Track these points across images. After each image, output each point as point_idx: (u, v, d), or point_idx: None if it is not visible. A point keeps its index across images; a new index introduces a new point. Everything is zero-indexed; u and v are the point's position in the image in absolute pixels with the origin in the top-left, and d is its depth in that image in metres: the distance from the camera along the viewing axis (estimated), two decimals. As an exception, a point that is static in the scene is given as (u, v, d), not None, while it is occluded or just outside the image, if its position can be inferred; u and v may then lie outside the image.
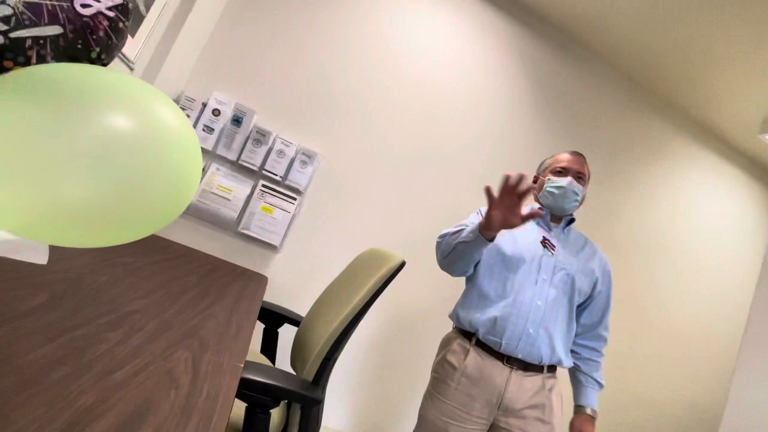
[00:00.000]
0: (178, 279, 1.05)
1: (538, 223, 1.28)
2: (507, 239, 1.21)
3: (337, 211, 1.97)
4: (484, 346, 1.16)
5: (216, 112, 1.80)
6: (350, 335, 1.01)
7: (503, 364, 1.14)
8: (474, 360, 1.15)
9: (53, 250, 0.44)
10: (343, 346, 1.01)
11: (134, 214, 0.44)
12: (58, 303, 0.62)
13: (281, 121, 1.91)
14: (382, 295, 1.03)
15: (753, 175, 2.88)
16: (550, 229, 1.28)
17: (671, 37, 2.08)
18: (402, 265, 1.05)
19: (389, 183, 2.05)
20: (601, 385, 1.23)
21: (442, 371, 1.19)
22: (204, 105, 1.80)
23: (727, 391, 1.54)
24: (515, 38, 2.26)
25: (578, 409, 1.21)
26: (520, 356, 1.14)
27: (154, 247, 1.30)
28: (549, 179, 1.26)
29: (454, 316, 1.25)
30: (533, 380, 1.15)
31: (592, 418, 1.18)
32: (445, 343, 1.26)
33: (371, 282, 1.01)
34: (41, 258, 0.43)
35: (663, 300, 2.56)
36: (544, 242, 1.24)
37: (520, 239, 1.23)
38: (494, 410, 1.14)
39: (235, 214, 1.81)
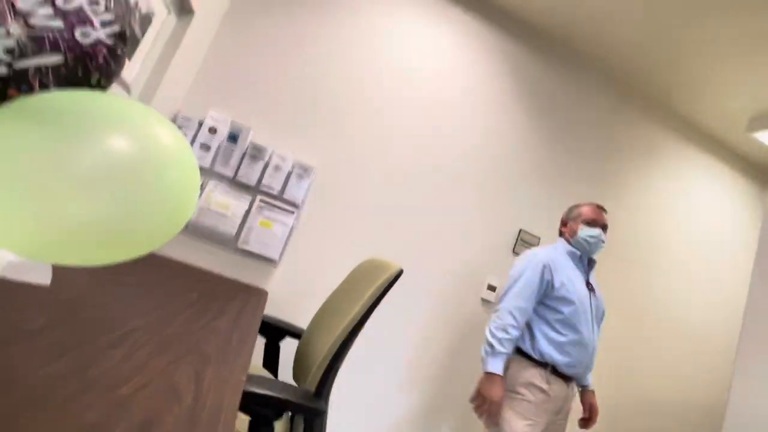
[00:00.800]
0: (178, 296, 1.06)
1: (577, 266, 1.55)
2: (569, 286, 1.47)
3: (334, 223, 1.99)
4: (556, 372, 1.47)
5: (212, 130, 1.82)
6: (351, 345, 1.01)
7: (565, 383, 1.49)
8: (553, 385, 1.46)
9: (55, 270, 0.46)
10: (345, 356, 1.01)
11: (134, 233, 0.45)
12: (62, 323, 0.63)
13: (276, 137, 1.94)
14: (380, 304, 1.04)
15: (744, 173, 2.90)
16: (587, 273, 1.57)
17: (656, 36, 2.12)
18: (400, 273, 1.07)
19: (385, 193, 2.07)
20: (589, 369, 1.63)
21: (528, 393, 1.45)
22: (200, 123, 1.82)
23: (728, 390, 1.54)
24: (502, 46, 2.30)
25: (584, 388, 1.60)
26: (580, 375, 1.52)
27: (153, 265, 1.31)
28: (582, 228, 1.55)
29: (536, 351, 1.47)
30: (573, 387, 1.54)
31: (594, 393, 1.59)
32: (522, 369, 1.48)
33: (370, 291, 1.03)
34: (44, 279, 0.44)
35: (660, 301, 2.56)
36: (587, 284, 1.53)
37: (577, 283, 1.49)
38: (554, 416, 1.49)
39: (234, 230, 1.82)
